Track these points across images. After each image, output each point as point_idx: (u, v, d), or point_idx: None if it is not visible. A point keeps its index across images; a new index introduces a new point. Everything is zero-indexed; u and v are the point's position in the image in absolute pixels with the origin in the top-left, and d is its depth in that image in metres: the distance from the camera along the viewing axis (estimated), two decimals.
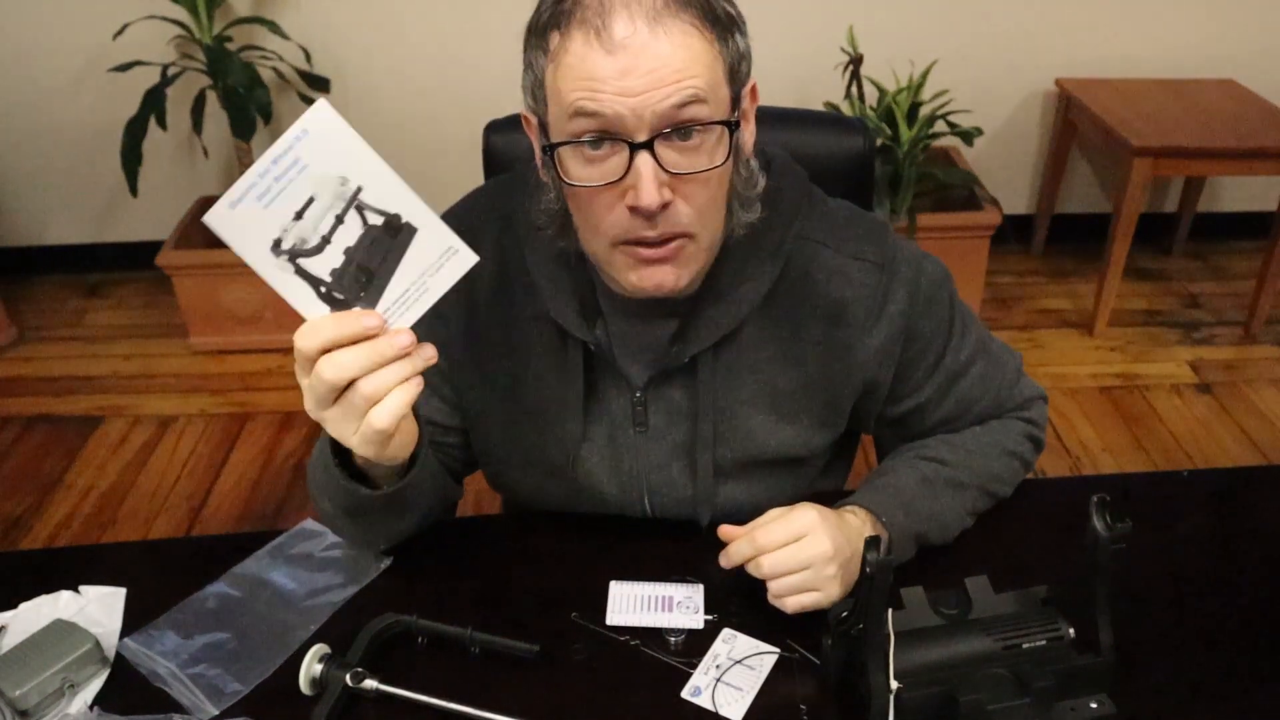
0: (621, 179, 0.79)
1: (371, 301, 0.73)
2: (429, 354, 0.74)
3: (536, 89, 0.82)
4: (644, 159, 0.77)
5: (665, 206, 0.79)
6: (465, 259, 0.73)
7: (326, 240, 0.71)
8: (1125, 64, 3.03)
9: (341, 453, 0.85)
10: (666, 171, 0.78)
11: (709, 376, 0.95)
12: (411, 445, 0.83)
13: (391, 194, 0.71)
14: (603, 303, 0.95)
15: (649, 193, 0.77)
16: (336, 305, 0.73)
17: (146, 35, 2.74)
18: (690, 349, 0.93)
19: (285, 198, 0.70)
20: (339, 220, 0.71)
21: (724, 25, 0.79)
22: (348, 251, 0.72)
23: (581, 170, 0.81)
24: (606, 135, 0.78)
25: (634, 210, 0.79)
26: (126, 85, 2.67)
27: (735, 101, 0.82)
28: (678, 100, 0.76)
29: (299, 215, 0.70)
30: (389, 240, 0.72)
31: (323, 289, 0.73)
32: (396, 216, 0.71)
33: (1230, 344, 2.84)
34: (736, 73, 0.82)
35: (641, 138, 0.77)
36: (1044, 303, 3.05)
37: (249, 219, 0.70)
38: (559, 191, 0.87)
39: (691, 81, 0.76)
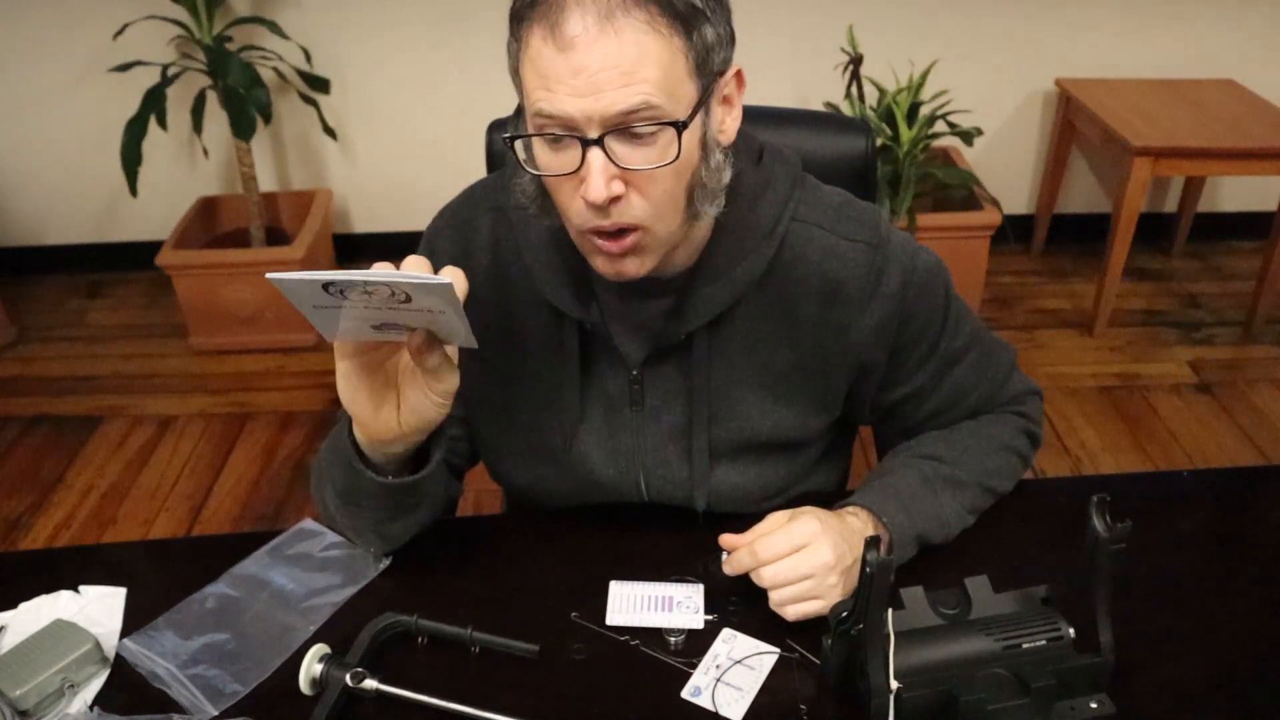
0: (577, 170, 0.80)
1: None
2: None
3: (515, 76, 0.84)
4: (595, 154, 0.79)
5: (616, 200, 0.81)
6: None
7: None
8: (1125, 64, 3.03)
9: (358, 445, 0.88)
10: (618, 166, 0.79)
11: (704, 355, 0.96)
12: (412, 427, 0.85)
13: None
14: (596, 281, 0.95)
15: (597, 187, 0.79)
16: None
17: (146, 35, 2.74)
18: (685, 326, 0.94)
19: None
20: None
21: (685, 19, 0.78)
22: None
23: (546, 159, 0.82)
24: (563, 131, 0.79)
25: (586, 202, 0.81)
26: (126, 85, 2.68)
27: (706, 93, 0.82)
28: (624, 107, 0.76)
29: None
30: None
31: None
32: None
33: (1230, 344, 2.84)
34: (705, 65, 0.81)
35: (593, 134, 0.78)
36: (1044, 303, 3.05)
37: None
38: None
39: (640, 86, 0.76)
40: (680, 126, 0.79)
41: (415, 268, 0.76)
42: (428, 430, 0.86)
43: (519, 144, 0.85)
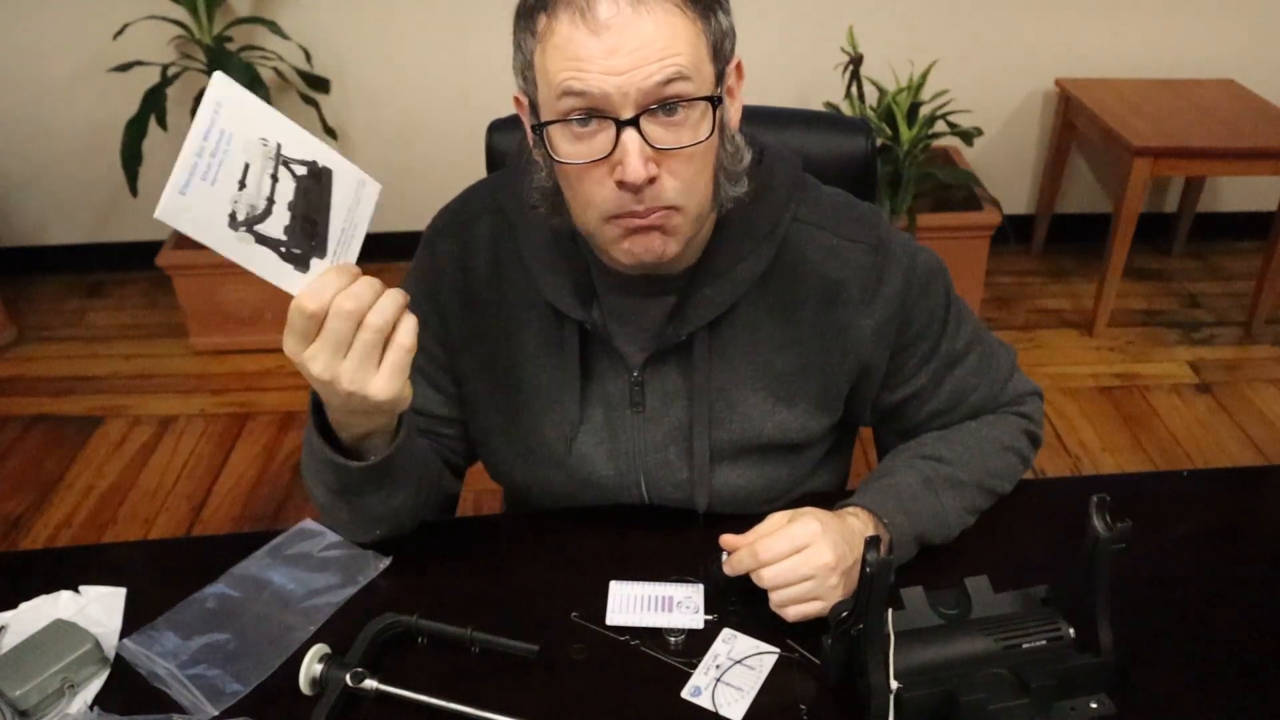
0: (609, 155, 0.80)
1: (321, 248, 0.75)
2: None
3: (526, 70, 0.84)
4: (630, 135, 0.79)
5: (652, 181, 0.81)
6: (374, 188, 0.75)
7: (271, 201, 0.73)
8: (1125, 64, 3.03)
9: (328, 433, 0.87)
10: (652, 147, 0.80)
11: (705, 356, 0.96)
12: (407, 393, 0.83)
13: (302, 142, 0.73)
14: (598, 282, 0.96)
15: (635, 168, 0.79)
16: (296, 261, 0.75)
17: (146, 35, 2.74)
18: (686, 327, 0.94)
19: (226, 171, 0.70)
20: (274, 179, 0.72)
21: (705, 4, 0.81)
22: (291, 206, 0.73)
23: (570, 148, 0.82)
24: (593, 113, 0.79)
25: (621, 185, 0.81)
26: (126, 85, 2.67)
27: (719, 78, 0.84)
28: (661, 78, 0.78)
29: (242, 184, 0.71)
30: (317, 186, 0.74)
31: (282, 249, 0.74)
32: (314, 162, 0.73)
33: (1230, 344, 2.84)
34: (720, 50, 0.84)
35: (627, 115, 0.79)
36: (1044, 303, 3.05)
37: (200, 201, 0.70)
38: (550, 170, 0.88)
39: (675, 59, 0.78)
40: (715, 101, 0.81)
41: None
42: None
43: (537, 136, 0.84)
